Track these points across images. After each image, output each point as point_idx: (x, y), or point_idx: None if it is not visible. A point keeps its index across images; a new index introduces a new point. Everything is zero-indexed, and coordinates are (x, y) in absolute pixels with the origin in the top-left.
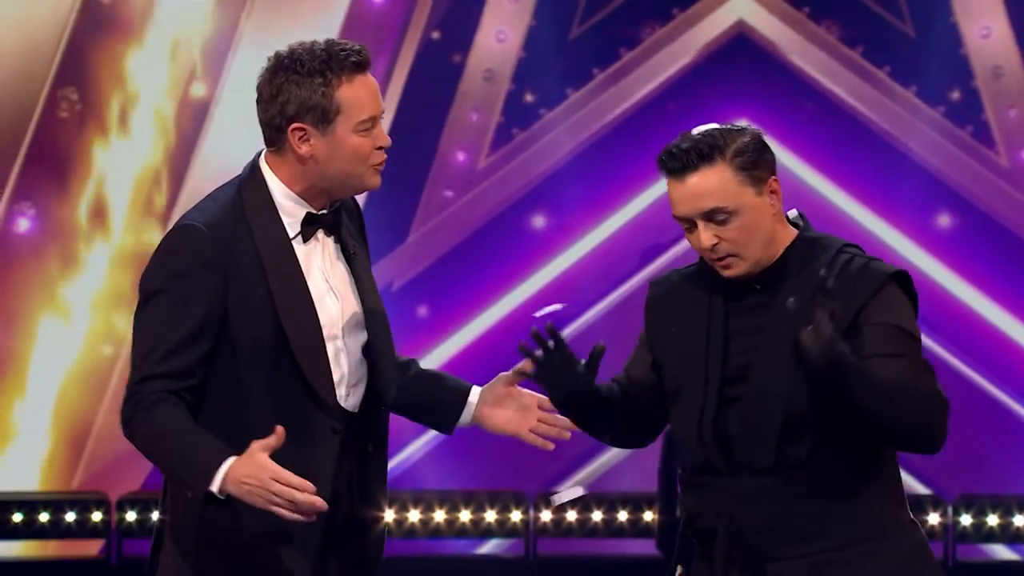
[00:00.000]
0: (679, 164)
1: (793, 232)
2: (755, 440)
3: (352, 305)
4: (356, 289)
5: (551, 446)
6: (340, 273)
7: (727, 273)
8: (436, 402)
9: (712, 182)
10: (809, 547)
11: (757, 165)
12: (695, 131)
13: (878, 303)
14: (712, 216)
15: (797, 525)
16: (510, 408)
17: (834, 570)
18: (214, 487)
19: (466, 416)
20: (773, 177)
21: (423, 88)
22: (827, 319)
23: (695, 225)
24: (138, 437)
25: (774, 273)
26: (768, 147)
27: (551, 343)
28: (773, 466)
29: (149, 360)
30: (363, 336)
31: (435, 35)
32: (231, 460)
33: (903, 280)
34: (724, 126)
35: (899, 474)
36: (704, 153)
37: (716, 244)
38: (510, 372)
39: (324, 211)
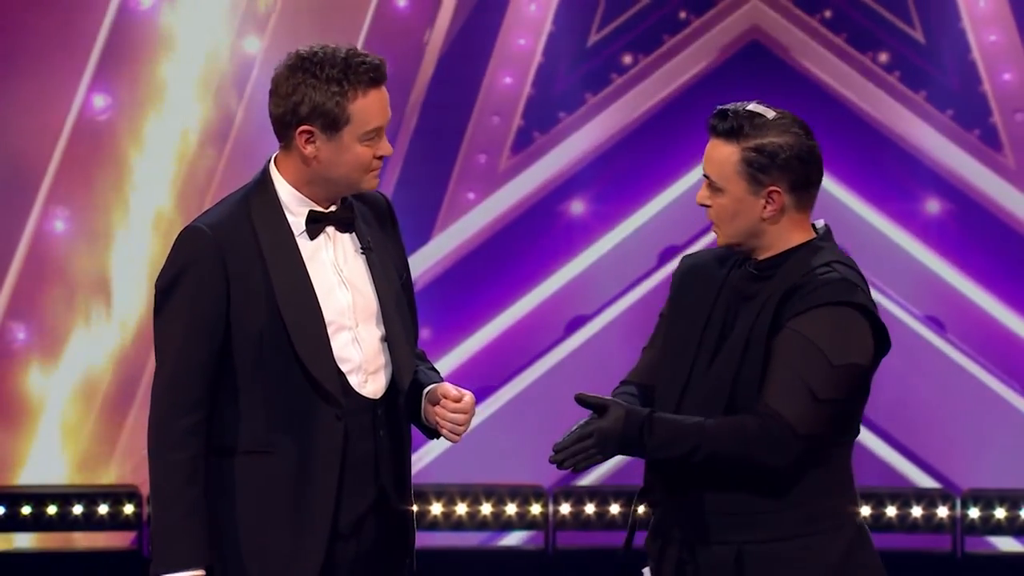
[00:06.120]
0: (712, 123)
1: (806, 237)
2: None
3: (368, 297)
4: (373, 281)
5: (456, 439)
6: (358, 267)
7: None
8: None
9: (719, 155)
10: (740, 535)
11: (765, 171)
12: (751, 104)
13: (810, 316)
14: (708, 181)
15: (728, 513)
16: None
17: (764, 561)
18: None
19: (423, 414)
20: (776, 188)
21: (445, 92)
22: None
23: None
24: (154, 473)
25: (770, 267)
26: (800, 164)
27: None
28: None
29: (173, 383)
30: (380, 326)
31: (457, 41)
32: (196, 573)
33: (864, 312)
34: (775, 117)
35: (848, 468)
36: (731, 128)
37: (705, 206)
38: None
39: (332, 209)
